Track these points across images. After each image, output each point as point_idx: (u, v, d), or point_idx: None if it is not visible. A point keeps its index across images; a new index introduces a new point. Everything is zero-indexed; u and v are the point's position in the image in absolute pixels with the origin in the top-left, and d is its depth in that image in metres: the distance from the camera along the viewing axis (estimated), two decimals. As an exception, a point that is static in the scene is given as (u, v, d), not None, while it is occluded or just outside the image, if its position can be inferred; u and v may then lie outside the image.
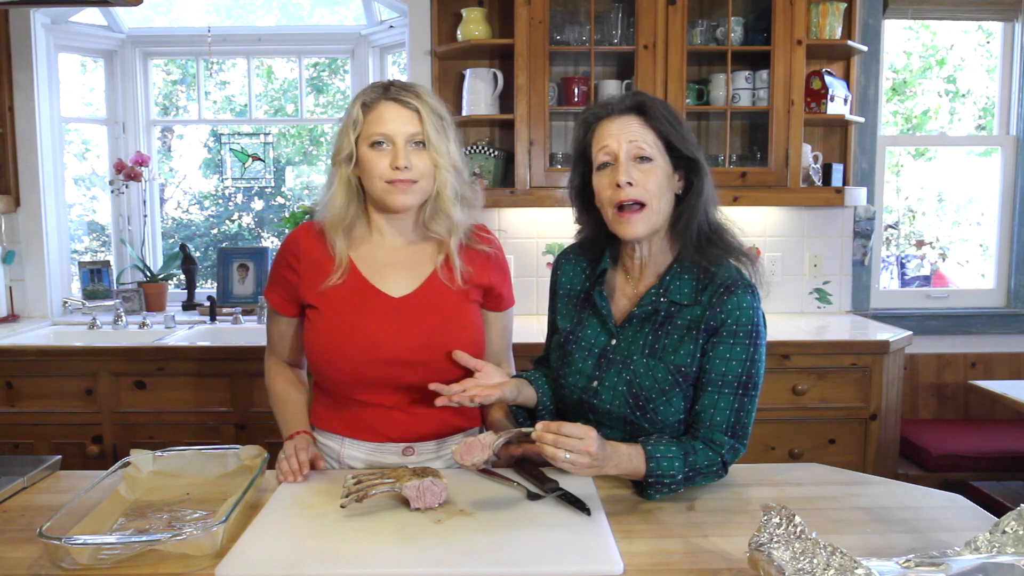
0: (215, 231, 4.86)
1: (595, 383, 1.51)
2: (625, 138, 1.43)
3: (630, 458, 1.36)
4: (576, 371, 1.54)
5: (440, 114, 1.53)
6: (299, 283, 1.59)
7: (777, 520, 1.03)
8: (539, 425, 1.30)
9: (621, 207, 1.44)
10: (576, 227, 1.63)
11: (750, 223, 1.56)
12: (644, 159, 1.43)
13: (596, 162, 1.48)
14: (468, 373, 1.53)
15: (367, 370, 1.54)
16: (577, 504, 1.33)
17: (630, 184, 1.42)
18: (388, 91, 1.51)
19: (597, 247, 1.58)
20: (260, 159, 3.70)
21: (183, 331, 3.14)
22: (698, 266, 1.47)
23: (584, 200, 1.55)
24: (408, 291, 1.57)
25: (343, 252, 1.56)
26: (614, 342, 1.51)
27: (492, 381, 1.50)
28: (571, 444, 1.27)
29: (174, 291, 3.66)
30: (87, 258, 3.64)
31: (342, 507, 1.29)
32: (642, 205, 1.43)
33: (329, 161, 1.59)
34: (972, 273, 3.92)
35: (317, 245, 1.58)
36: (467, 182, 1.59)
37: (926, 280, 4.03)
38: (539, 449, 1.29)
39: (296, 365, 1.75)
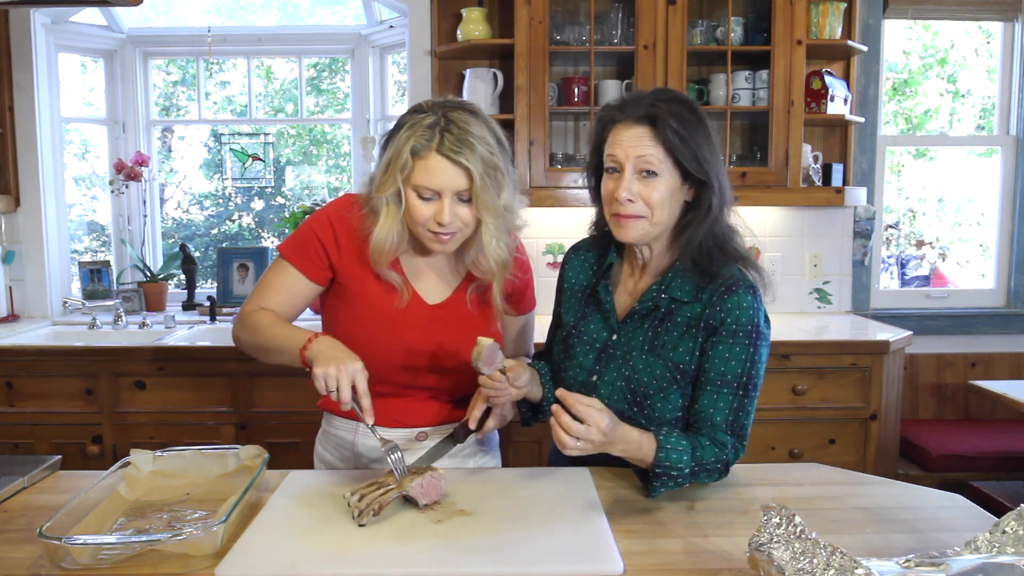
0: (215, 231, 4.86)
1: (594, 377, 1.52)
2: (633, 152, 1.41)
3: (640, 445, 1.36)
4: (576, 365, 1.55)
5: (493, 164, 1.46)
6: (339, 259, 1.57)
7: (777, 520, 1.03)
8: (558, 393, 1.31)
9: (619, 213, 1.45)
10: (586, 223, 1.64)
11: (750, 223, 1.56)
12: (650, 173, 1.41)
13: (605, 164, 1.47)
14: None
15: (398, 370, 1.57)
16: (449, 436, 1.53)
17: (631, 200, 1.42)
18: (441, 144, 1.43)
19: (606, 239, 1.57)
20: (260, 159, 3.70)
21: (183, 331, 3.14)
22: (700, 265, 1.47)
23: (598, 189, 1.54)
24: (442, 298, 1.60)
25: (402, 283, 1.57)
26: (615, 337, 1.52)
27: (522, 382, 1.51)
28: (577, 430, 1.27)
29: (174, 291, 3.66)
30: (87, 258, 3.64)
31: (361, 526, 1.27)
32: (641, 215, 1.43)
33: (372, 184, 1.52)
34: (972, 273, 3.92)
35: (362, 227, 1.55)
36: (515, 211, 1.55)
37: (926, 280, 4.03)
38: (556, 424, 1.30)
39: None
